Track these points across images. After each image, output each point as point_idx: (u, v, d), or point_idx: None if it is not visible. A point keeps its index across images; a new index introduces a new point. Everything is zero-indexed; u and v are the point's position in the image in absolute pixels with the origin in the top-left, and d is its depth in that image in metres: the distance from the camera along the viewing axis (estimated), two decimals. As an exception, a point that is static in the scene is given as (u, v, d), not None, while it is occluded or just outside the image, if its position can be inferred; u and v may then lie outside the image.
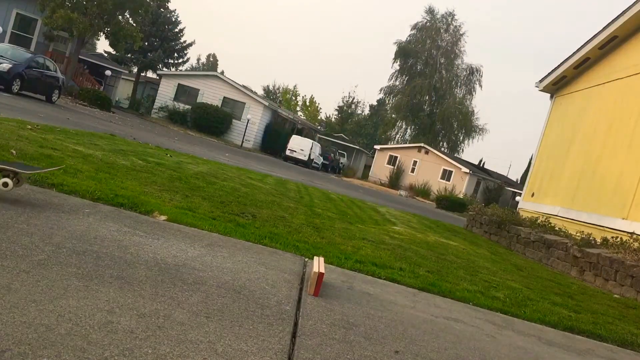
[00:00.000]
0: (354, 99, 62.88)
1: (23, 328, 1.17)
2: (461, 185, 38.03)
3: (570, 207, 9.61)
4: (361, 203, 10.60)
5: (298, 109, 65.28)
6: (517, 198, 22.34)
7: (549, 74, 12.14)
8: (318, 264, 2.31)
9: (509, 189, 39.76)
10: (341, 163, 44.54)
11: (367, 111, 64.35)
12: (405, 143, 44.82)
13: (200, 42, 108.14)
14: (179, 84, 34.38)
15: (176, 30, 39.71)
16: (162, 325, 1.41)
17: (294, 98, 67.08)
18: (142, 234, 2.42)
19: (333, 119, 64.53)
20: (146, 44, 35.26)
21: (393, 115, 49.67)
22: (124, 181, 3.95)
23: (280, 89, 66.48)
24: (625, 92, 9.16)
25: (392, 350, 1.79)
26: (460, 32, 45.04)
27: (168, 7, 37.82)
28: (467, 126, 46.82)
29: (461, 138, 47.72)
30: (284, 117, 39.46)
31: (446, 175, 39.19)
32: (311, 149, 34.40)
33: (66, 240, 1.96)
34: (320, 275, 2.15)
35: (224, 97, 33.96)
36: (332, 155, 42.99)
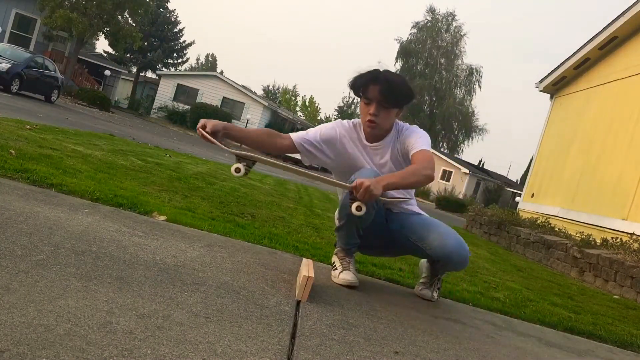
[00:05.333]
0: (354, 99, 62.75)
1: (22, 328, 1.17)
2: (461, 185, 38.02)
3: (570, 207, 9.61)
4: (361, 203, 10.58)
5: (298, 109, 65.24)
6: (517, 198, 22.34)
7: (549, 74, 12.15)
8: (307, 268, 2.22)
9: (509, 189, 39.75)
10: (341, 163, 44.52)
11: (366, 111, 64.17)
12: (405, 143, 44.78)
13: (200, 42, 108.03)
14: (178, 84, 34.34)
15: (176, 30, 39.69)
16: (161, 326, 1.41)
17: (293, 98, 67.02)
18: (141, 234, 2.42)
19: (333, 120, 64.37)
20: (145, 44, 35.26)
21: (393, 116, 49.60)
22: (123, 181, 3.94)
23: (280, 89, 66.47)
24: (626, 93, 9.16)
25: (391, 351, 1.79)
26: (461, 33, 45.02)
27: (167, 7, 37.87)
28: (467, 126, 46.76)
29: (461, 138, 47.65)
30: (284, 117, 39.43)
31: (446, 175, 39.18)
32: (310, 149, 34.32)
33: (65, 240, 1.96)
34: (310, 279, 2.08)
35: (224, 97, 33.88)
36: (332, 155, 42.97)
